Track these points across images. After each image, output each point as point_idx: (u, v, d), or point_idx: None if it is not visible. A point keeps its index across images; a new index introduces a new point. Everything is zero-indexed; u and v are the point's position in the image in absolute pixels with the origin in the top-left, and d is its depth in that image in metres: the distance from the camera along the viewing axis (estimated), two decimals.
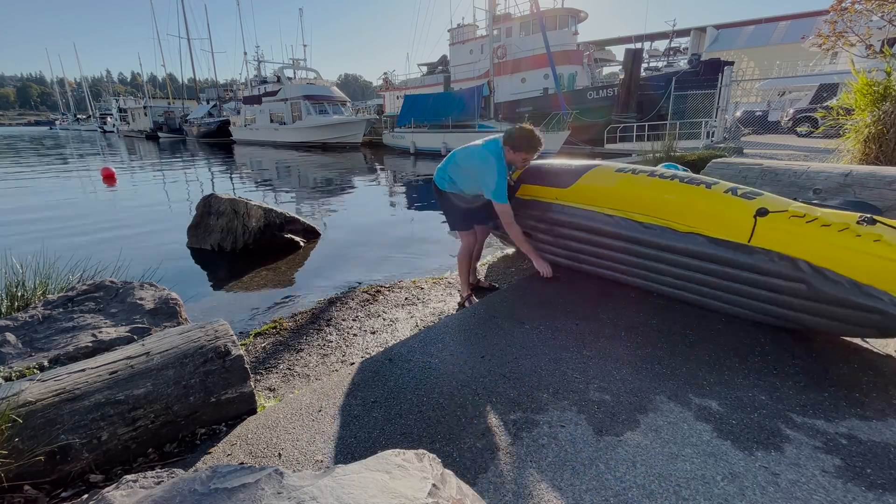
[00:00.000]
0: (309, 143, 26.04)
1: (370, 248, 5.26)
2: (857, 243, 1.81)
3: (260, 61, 35.62)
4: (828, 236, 1.88)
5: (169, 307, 2.33)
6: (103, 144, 32.05)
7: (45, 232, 6.24)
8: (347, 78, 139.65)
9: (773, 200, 2.15)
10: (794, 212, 2.00)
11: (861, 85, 4.63)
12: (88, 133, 53.77)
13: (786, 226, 2.00)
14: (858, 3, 8.89)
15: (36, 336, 2.00)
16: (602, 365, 2.04)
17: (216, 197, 5.15)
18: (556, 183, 2.98)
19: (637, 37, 31.91)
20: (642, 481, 1.38)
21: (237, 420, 1.79)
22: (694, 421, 1.64)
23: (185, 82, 54.20)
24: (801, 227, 1.95)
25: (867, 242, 1.79)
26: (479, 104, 18.79)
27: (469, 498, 1.11)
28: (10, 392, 1.44)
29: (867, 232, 1.80)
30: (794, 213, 2.00)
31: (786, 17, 27.43)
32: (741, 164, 4.44)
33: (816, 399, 1.74)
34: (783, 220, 2.01)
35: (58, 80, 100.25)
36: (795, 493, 1.32)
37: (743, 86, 17.50)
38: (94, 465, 1.49)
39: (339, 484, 1.01)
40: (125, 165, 16.93)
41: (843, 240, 1.84)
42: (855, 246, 1.82)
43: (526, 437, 1.59)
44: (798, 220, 1.97)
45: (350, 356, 2.51)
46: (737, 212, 2.15)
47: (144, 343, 1.79)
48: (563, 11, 21.92)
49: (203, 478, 1.04)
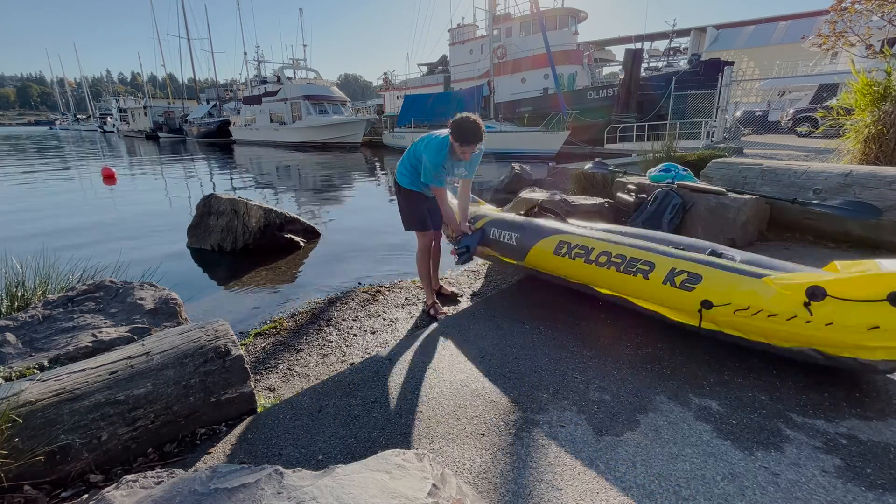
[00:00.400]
0: (309, 143, 26.05)
1: (370, 248, 5.26)
2: (808, 330, 1.71)
3: (260, 61, 35.65)
4: (777, 326, 1.78)
5: (169, 307, 2.33)
6: (103, 145, 32.05)
7: (46, 232, 6.24)
8: (347, 78, 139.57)
9: (716, 286, 1.92)
10: (738, 305, 1.83)
11: (861, 85, 4.63)
12: (88, 133, 53.76)
13: (731, 318, 1.91)
14: (858, 3, 8.89)
15: (36, 336, 2.00)
16: (602, 365, 2.04)
17: (216, 197, 5.14)
18: (512, 255, 2.91)
19: (637, 37, 31.93)
20: (642, 481, 1.38)
21: (237, 420, 1.79)
22: (694, 421, 1.64)
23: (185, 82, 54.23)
24: (748, 320, 1.86)
25: (819, 328, 1.68)
26: (479, 104, 18.79)
27: (469, 498, 1.11)
28: (10, 392, 1.44)
29: (818, 317, 1.66)
30: (738, 306, 1.84)
31: (786, 17, 27.43)
32: (741, 164, 4.44)
33: (816, 399, 1.74)
34: (728, 313, 1.90)
35: (58, 80, 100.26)
36: (795, 493, 1.32)
37: (743, 86, 17.50)
38: (94, 465, 1.49)
39: (339, 484, 1.01)
40: (125, 165, 16.93)
41: (794, 328, 1.74)
42: (807, 332, 1.72)
43: (526, 437, 1.59)
44: (743, 313, 1.84)
45: (350, 356, 2.51)
46: (682, 303, 2.03)
47: (144, 343, 1.79)
48: (563, 11, 21.93)
49: (203, 478, 1.04)
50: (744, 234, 3.65)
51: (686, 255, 2.12)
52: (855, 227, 3.51)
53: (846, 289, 1.61)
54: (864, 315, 1.58)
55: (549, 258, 2.61)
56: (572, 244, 2.49)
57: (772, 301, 1.75)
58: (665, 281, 2.06)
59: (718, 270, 1.96)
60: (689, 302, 2.00)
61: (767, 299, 1.77)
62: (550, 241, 2.60)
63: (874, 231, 3.41)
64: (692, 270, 2.00)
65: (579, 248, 2.44)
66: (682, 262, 2.06)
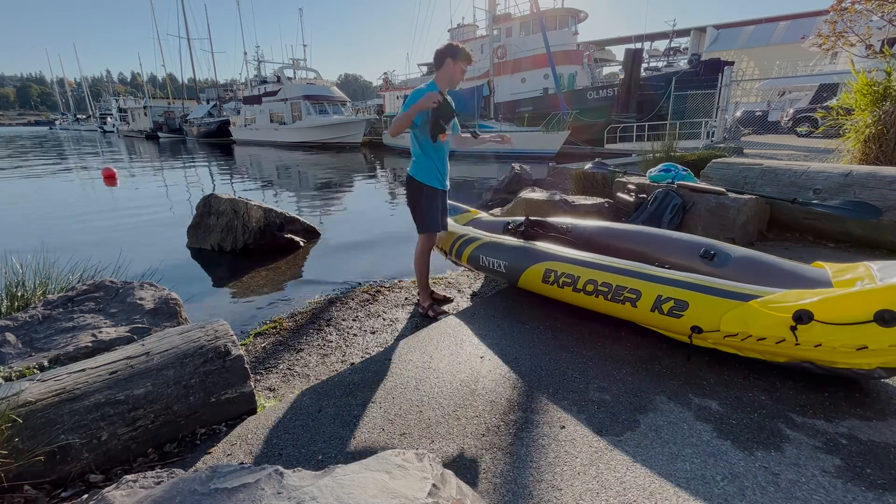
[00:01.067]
0: (309, 143, 26.07)
1: (370, 248, 5.26)
2: (798, 351, 1.72)
3: (260, 61, 35.66)
4: (767, 347, 1.80)
5: (169, 307, 2.33)
6: (103, 145, 32.05)
7: (46, 232, 6.24)
8: (347, 78, 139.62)
9: (703, 312, 1.91)
10: (727, 331, 1.84)
11: (861, 85, 4.63)
12: (88, 133, 53.78)
13: (722, 342, 1.93)
14: (858, 3, 8.89)
15: (36, 336, 2.00)
16: (602, 365, 2.04)
17: (216, 197, 5.14)
18: (505, 279, 2.88)
19: (637, 37, 31.96)
20: (642, 481, 1.38)
21: (237, 420, 1.79)
22: (694, 421, 1.64)
23: (185, 82, 54.23)
24: (739, 343, 1.87)
25: (808, 349, 1.69)
26: (479, 104, 18.81)
27: (469, 498, 1.11)
28: (10, 392, 1.44)
29: (805, 340, 1.65)
30: (727, 332, 1.84)
31: (786, 17, 27.44)
32: (741, 164, 4.44)
33: (816, 399, 1.75)
34: (717, 338, 1.92)
35: (58, 80, 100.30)
36: (795, 493, 1.32)
37: (743, 86, 17.50)
38: (94, 465, 1.49)
39: (339, 484, 1.01)
40: (125, 165, 16.93)
41: (784, 349, 1.75)
42: (798, 353, 1.73)
43: (526, 437, 1.59)
44: (732, 339, 1.87)
45: (350, 356, 2.51)
46: (673, 326, 2.05)
47: (144, 343, 1.79)
48: (563, 11, 21.94)
49: (203, 478, 1.04)
50: (744, 234, 3.65)
51: (672, 279, 2.06)
52: (855, 227, 3.51)
53: (832, 311, 1.59)
54: (851, 337, 1.56)
55: (538, 285, 2.58)
56: (558, 272, 2.43)
57: (759, 326, 1.75)
58: (653, 308, 2.05)
59: (705, 295, 1.93)
60: (680, 327, 2.00)
61: (755, 325, 1.76)
62: (537, 268, 2.55)
63: (874, 231, 3.41)
64: (678, 297, 1.98)
65: (566, 277, 2.40)
66: (668, 289, 2.02)
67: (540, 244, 2.74)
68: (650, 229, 2.95)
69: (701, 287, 1.97)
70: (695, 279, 2.03)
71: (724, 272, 2.27)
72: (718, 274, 2.23)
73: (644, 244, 2.75)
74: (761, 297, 1.79)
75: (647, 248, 2.71)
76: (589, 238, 2.96)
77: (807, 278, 2.09)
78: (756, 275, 2.19)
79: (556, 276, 2.44)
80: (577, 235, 3.01)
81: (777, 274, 2.19)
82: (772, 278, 2.14)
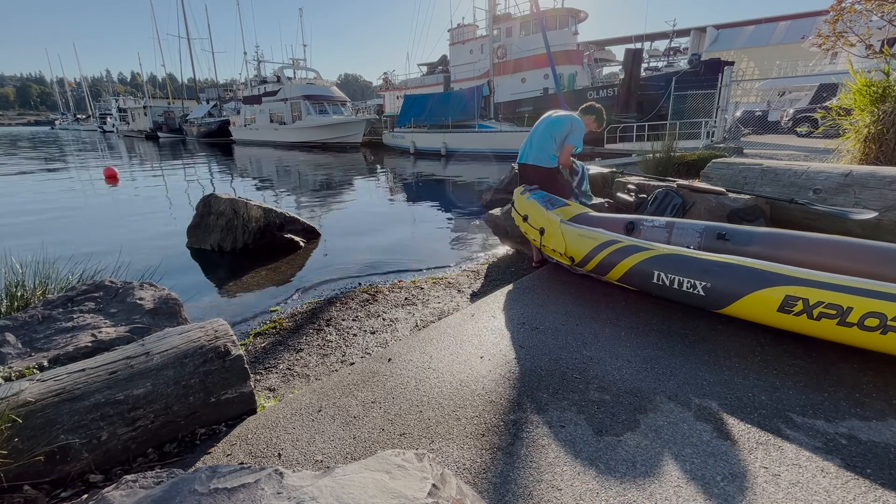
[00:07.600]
0: (309, 143, 26.04)
1: (370, 248, 5.26)
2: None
3: (260, 61, 35.63)
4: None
5: (169, 307, 2.33)
6: (103, 145, 32.04)
7: (46, 231, 6.23)
8: (347, 78, 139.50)
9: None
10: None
11: (860, 85, 4.63)
12: (88, 133, 53.75)
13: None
14: (858, 3, 8.88)
15: (36, 336, 2.00)
16: (602, 365, 2.04)
17: (216, 197, 5.14)
18: (696, 303, 2.38)
19: (637, 37, 31.94)
20: (642, 481, 1.38)
21: (237, 420, 1.79)
22: (694, 421, 1.64)
23: (185, 82, 54.13)
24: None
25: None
26: (479, 104, 18.78)
27: (469, 498, 1.11)
28: (10, 392, 1.44)
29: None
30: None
31: (786, 17, 27.43)
32: (741, 164, 4.43)
33: (816, 399, 1.74)
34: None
35: (57, 80, 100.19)
36: (795, 493, 1.32)
37: (743, 86, 17.51)
38: (94, 465, 1.49)
39: (339, 484, 1.01)
40: (125, 165, 16.92)
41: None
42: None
43: (526, 437, 1.59)
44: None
45: (350, 356, 2.51)
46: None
47: (144, 343, 1.78)
48: (563, 11, 21.93)
49: (203, 478, 1.04)
50: None
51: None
52: (855, 227, 3.51)
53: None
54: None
55: (769, 315, 2.07)
56: (811, 301, 1.89)
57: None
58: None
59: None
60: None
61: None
62: (769, 294, 2.01)
63: (874, 231, 3.41)
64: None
65: (826, 308, 1.87)
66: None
67: (770, 264, 2.13)
68: (836, 237, 2.48)
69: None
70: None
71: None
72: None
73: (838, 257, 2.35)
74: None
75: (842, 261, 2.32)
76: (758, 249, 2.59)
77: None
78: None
79: (809, 306, 1.92)
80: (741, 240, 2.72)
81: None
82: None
